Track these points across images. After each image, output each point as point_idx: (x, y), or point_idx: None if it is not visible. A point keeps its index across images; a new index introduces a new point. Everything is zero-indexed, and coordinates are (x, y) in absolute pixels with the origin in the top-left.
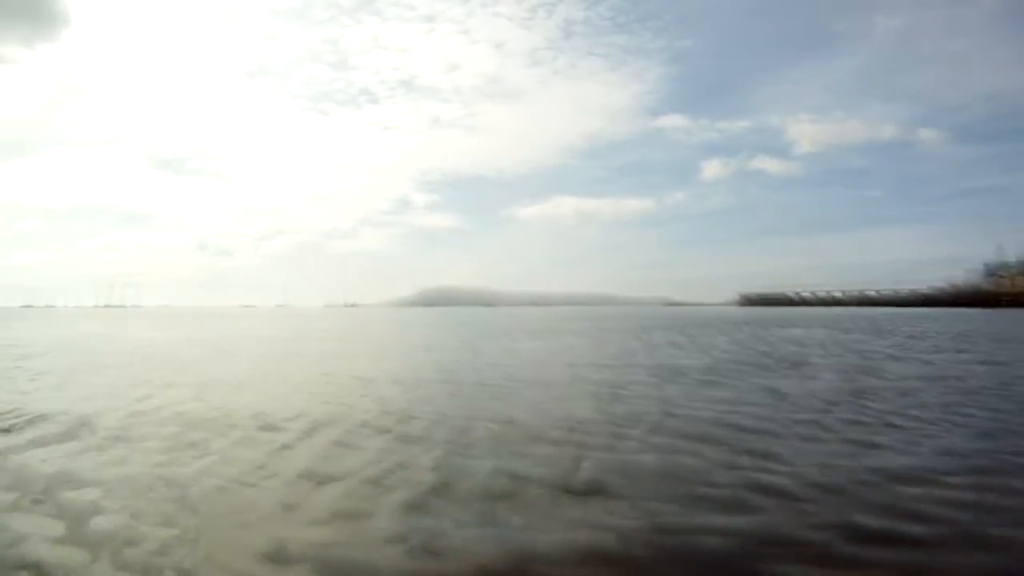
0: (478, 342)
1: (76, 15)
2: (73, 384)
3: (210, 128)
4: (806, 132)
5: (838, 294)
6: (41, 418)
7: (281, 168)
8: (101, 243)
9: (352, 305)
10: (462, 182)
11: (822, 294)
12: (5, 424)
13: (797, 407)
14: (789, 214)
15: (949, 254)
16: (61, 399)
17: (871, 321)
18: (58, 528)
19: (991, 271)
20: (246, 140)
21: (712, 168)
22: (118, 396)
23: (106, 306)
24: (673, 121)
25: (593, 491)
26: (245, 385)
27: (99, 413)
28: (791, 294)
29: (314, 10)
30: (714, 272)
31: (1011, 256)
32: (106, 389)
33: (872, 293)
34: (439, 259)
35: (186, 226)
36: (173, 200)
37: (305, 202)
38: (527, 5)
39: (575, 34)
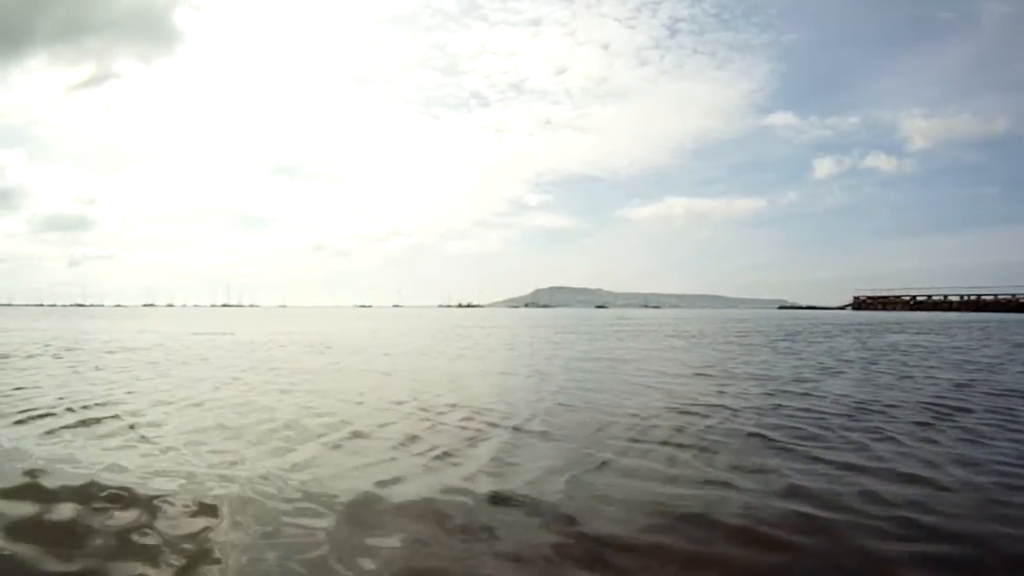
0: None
1: (191, 32)
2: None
3: (323, 134)
4: (919, 127)
5: (955, 298)
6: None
7: (395, 171)
8: (219, 245)
9: (466, 305)
10: (575, 183)
11: (937, 298)
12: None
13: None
14: (903, 213)
15: None
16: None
17: (986, 327)
18: None
19: None
20: (360, 145)
21: (824, 166)
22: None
23: (224, 305)
24: (782, 119)
25: None
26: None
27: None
28: (906, 297)
29: (421, 17)
30: (829, 274)
31: None
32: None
33: (989, 297)
34: (552, 259)
35: (302, 228)
36: (289, 203)
37: (420, 204)
38: (631, 5)
39: (680, 32)
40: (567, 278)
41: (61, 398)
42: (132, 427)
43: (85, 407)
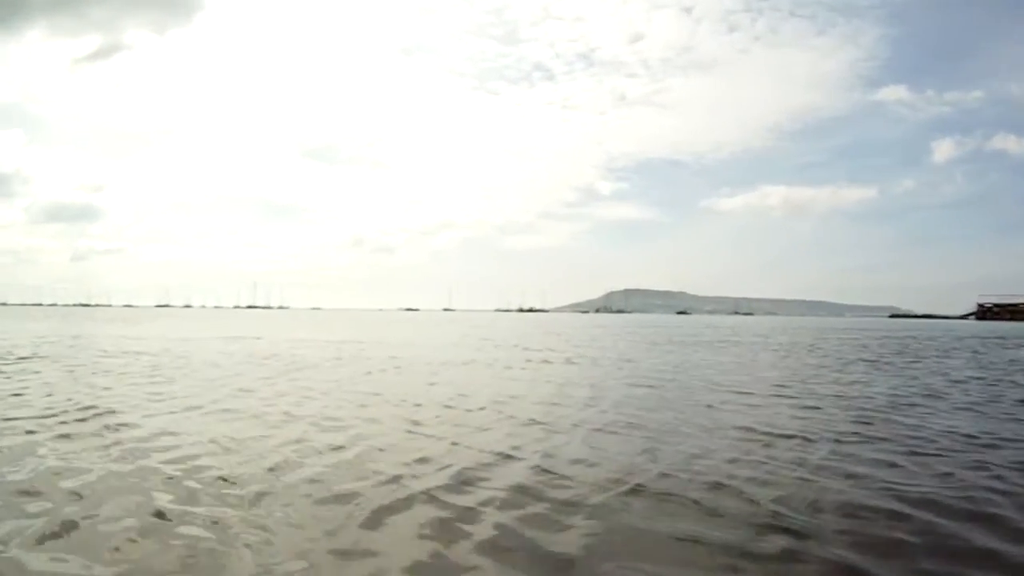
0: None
1: None
2: None
3: (364, 112)
4: None
5: None
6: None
7: (447, 155)
8: (244, 239)
9: (528, 310)
10: (654, 168)
11: None
12: None
13: None
14: None
15: None
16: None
17: None
18: None
19: None
20: (405, 124)
21: (944, 149)
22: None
23: (249, 307)
24: (895, 93)
25: None
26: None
27: None
28: None
29: None
30: (948, 277)
31: None
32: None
33: None
34: (627, 257)
35: (340, 220)
36: (324, 191)
37: (475, 193)
38: None
39: None
40: (644, 279)
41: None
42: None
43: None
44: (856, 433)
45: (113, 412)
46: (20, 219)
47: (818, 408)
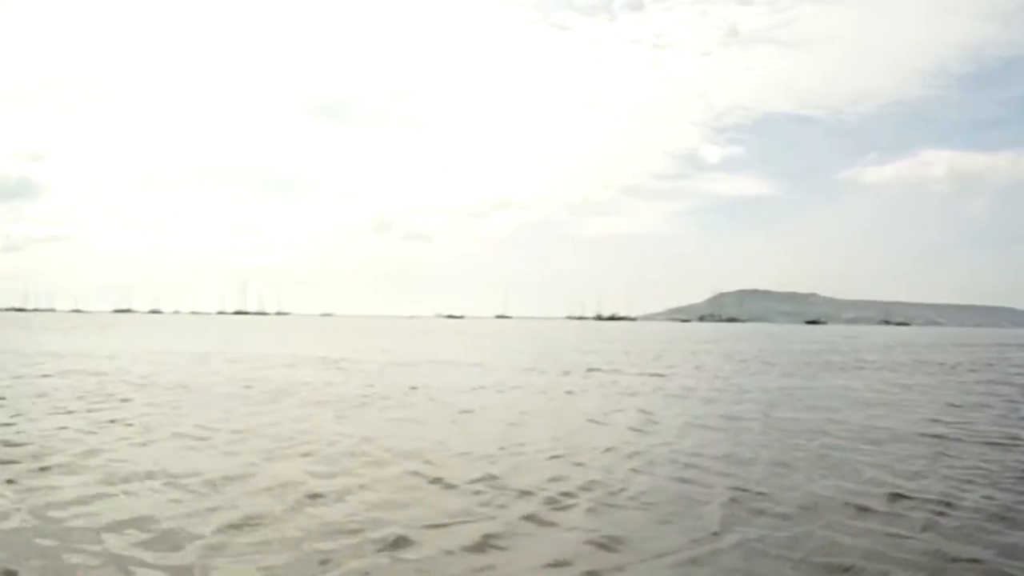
0: None
1: None
2: None
3: (388, 55)
4: None
5: None
6: None
7: (499, 111)
8: (230, 223)
9: (609, 317)
10: (776, 127)
11: None
12: None
13: None
14: None
15: None
16: None
17: None
18: None
19: None
20: (444, 71)
21: None
22: None
23: (237, 312)
24: None
25: None
26: None
27: None
28: None
29: None
30: None
31: None
32: None
33: None
34: (742, 247)
35: (358, 197)
36: (338, 160)
37: (538, 161)
38: None
39: None
40: (764, 277)
41: None
42: None
43: None
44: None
45: None
46: None
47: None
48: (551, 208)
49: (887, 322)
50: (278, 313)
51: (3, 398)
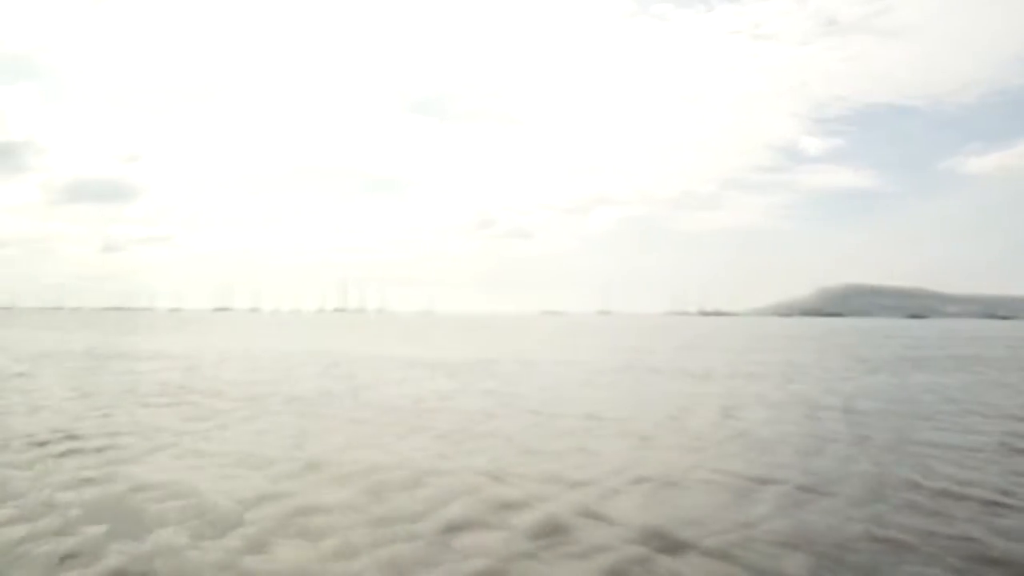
0: None
1: None
2: None
3: (486, 52)
4: None
5: None
6: None
7: (598, 106)
8: (330, 222)
9: (711, 313)
10: (877, 118)
11: None
12: None
13: None
14: None
15: None
16: None
17: None
18: None
19: None
20: (542, 66)
21: None
22: None
23: (336, 310)
24: None
25: None
26: None
27: None
28: None
29: None
30: None
31: None
32: None
33: None
34: (845, 241)
35: (458, 195)
36: (438, 157)
37: (638, 156)
38: None
39: None
40: (867, 271)
41: None
42: None
43: None
44: None
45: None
46: (35, 200)
47: None
48: (652, 203)
49: (992, 316)
50: (378, 311)
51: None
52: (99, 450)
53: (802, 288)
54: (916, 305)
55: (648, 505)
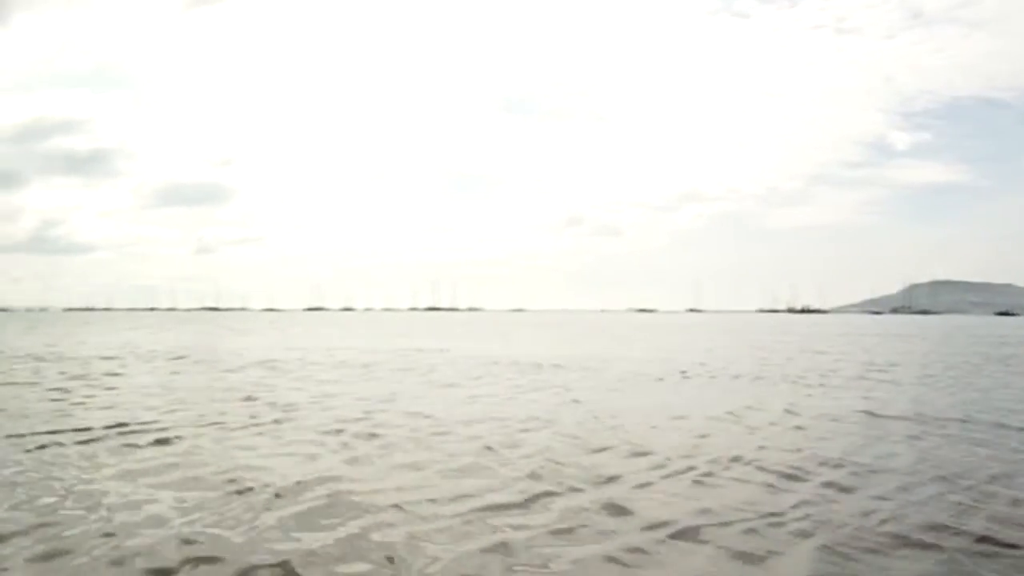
0: None
1: None
2: None
3: (573, 51)
4: None
5: None
6: None
7: (685, 103)
8: (420, 222)
9: (801, 310)
10: (965, 111)
11: None
12: None
13: None
14: None
15: None
16: None
17: None
18: None
19: None
20: (628, 64)
21: None
22: None
23: (429, 309)
24: None
25: None
26: None
27: None
28: None
29: None
30: None
31: None
32: None
33: None
34: (933, 237)
35: (548, 193)
36: (527, 155)
37: (726, 153)
38: None
39: None
40: (955, 267)
41: None
42: None
43: None
44: None
45: None
46: (127, 204)
47: None
48: (740, 199)
49: None
50: (470, 309)
51: None
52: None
53: (891, 285)
54: (1005, 302)
55: None
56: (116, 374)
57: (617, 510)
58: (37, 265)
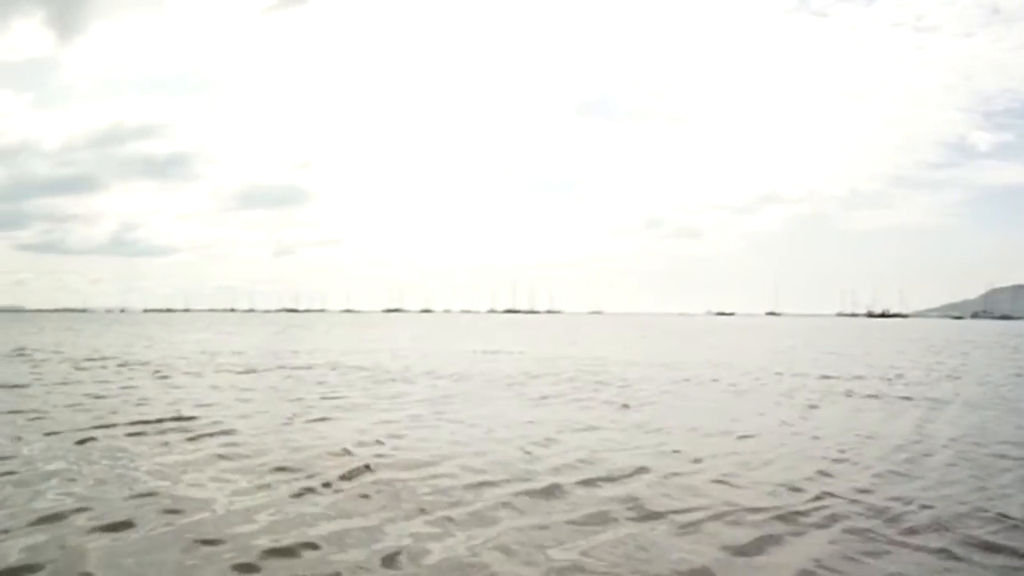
0: None
1: None
2: None
3: (649, 51)
4: None
5: None
6: None
7: (762, 103)
8: (499, 224)
9: (880, 315)
10: None
11: None
12: None
13: None
14: None
15: None
16: None
17: None
18: None
19: None
20: (704, 64)
21: None
22: None
23: (507, 311)
24: None
25: None
26: None
27: None
28: None
29: None
30: None
31: None
32: None
33: None
34: (1016, 239)
35: (626, 195)
36: (605, 157)
37: (804, 154)
38: None
39: None
40: None
41: None
42: None
43: None
44: None
45: None
46: (207, 207)
47: None
48: (819, 202)
49: None
50: (548, 311)
51: None
52: None
53: (972, 289)
54: None
55: None
56: (190, 373)
57: None
58: (117, 267)
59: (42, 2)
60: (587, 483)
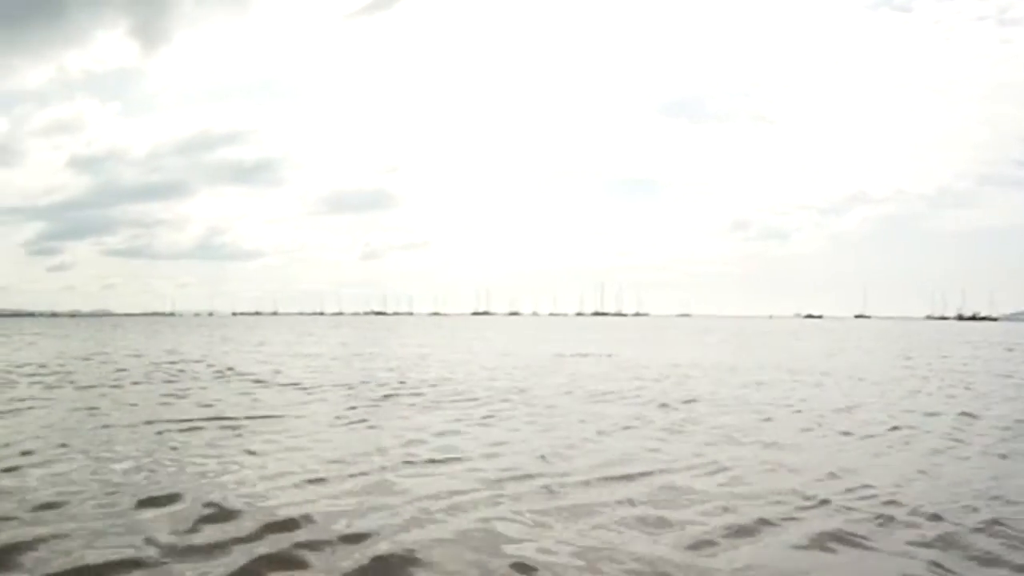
0: None
1: None
2: None
3: (734, 50)
4: None
5: None
6: None
7: (848, 101)
8: (587, 225)
9: (971, 317)
10: None
11: None
12: None
13: None
14: None
15: None
16: None
17: None
18: None
19: None
20: (789, 63)
21: None
22: None
23: (595, 313)
24: None
25: None
26: None
27: None
28: None
29: None
30: None
31: None
32: None
33: None
34: None
35: (712, 196)
36: (691, 158)
37: (892, 152)
38: None
39: None
40: None
41: None
42: None
43: None
44: None
45: None
46: (294, 211)
47: None
48: (908, 201)
49: None
50: (636, 314)
51: None
52: None
53: None
54: None
55: None
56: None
57: None
58: (204, 271)
59: (126, 13)
60: None
